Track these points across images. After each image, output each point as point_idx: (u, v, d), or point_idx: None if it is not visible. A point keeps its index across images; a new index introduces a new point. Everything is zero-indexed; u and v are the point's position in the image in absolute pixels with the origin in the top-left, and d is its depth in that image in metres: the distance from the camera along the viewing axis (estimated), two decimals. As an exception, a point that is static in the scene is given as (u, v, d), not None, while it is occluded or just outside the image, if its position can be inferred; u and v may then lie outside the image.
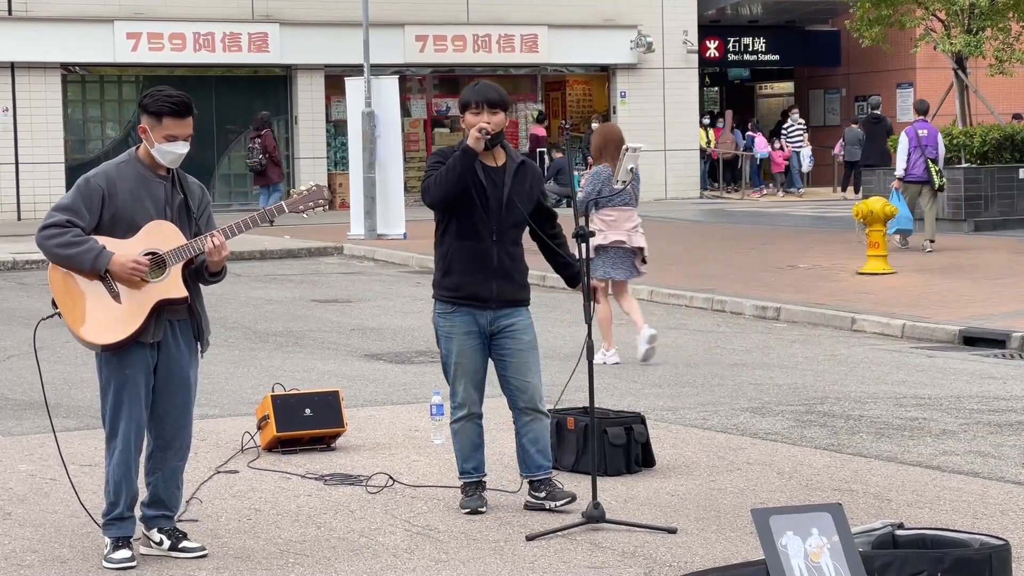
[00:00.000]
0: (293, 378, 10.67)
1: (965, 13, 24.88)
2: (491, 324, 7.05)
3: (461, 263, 7.02)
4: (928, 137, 19.52)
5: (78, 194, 6.18)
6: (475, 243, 7.00)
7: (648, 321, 12.26)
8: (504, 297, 7.05)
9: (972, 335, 13.29)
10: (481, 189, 6.98)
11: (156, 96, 6.22)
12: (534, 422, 7.15)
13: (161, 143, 6.19)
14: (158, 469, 6.37)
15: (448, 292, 7.06)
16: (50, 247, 6.13)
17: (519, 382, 7.11)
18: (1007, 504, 7.28)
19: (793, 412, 9.84)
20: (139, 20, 28.64)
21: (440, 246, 7.12)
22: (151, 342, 6.22)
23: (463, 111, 7.07)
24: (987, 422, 9.48)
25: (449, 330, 7.06)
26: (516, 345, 7.09)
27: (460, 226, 7.01)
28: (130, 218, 6.17)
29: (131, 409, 6.22)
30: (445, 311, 7.07)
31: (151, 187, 6.23)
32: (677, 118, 32.98)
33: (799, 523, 5.25)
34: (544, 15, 31.76)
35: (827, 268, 18.32)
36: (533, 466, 7.15)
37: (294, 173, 30.22)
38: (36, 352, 6.72)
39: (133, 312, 6.15)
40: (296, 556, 6.39)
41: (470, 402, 7.08)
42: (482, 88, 7.06)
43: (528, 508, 7.14)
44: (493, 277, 7.01)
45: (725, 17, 36.96)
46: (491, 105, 6.99)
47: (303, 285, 17.97)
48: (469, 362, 7.04)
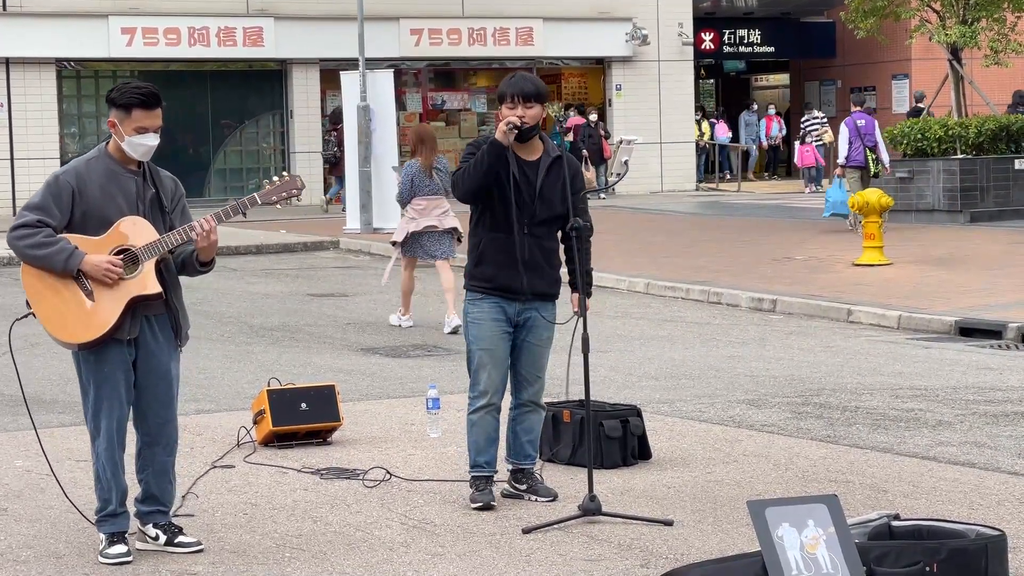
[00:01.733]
0: (289, 372, 10.66)
1: (960, 4, 24.87)
2: (518, 315, 7.04)
3: (492, 254, 7.00)
4: (866, 127, 21.16)
5: (48, 192, 6.12)
6: (506, 235, 6.97)
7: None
8: (535, 290, 7.03)
9: (968, 326, 13.29)
10: (514, 182, 6.94)
11: (124, 89, 6.18)
12: (532, 413, 7.20)
13: (131, 135, 6.14)
14: (148, 466, 6.35)
15: (479, 282, 7.05)
16: (21, 248, 6.10)
17: (530, 375, 7.13)
18: (1003, 494, 7.28)
19: (789, 404, 9.85)
20: (134, 15, 28.60)
21: (473, 236, 7.11)
22: (128, 338, 6.18)
23: (500, 103, 7.04)
24: (983, 413, 9.48)
25: (478, 316, 7.03)
26: (535, 339, 7.09)
27: (493, 218, 7.00)
28: (101, 214, 6.12)
29: (112, 406, 6.20)
30: (475, 299, 7.06)
31: (122, 182, 6.18)
32: (673, 110, 32.96)
33: (795, 515, 5.25)
34: (539, 8, 31.75)
35: (823, 259, 18.32)
36: (522, 455, 7.20)
37: (290, 167, 30.17)
38: (12, 351, 6.69)
39: (108, 310, 6.09)
40: (292, 550, 6.39)
41: (492, 390, 7.04)
42: (518, 80, 7.01)
43: (505, 496, 7.18)
44: (524, 270, 6.98)
45: (720, 9, 36.94)
46: (526, 98, 6.94)
47: (299, 279, 17.96)
48: (495, 349, 7.02)
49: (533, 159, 7.03)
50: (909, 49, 31.37)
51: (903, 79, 35.92)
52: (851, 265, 17.45)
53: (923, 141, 23.29)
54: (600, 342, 11.94)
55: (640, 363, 11.70)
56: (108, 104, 6.24)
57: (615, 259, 18.45)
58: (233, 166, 30.66)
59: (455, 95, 32.92)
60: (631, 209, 26.87)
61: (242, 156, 30.84)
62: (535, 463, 7.26)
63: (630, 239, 21.19)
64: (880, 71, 36.29)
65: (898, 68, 35.93)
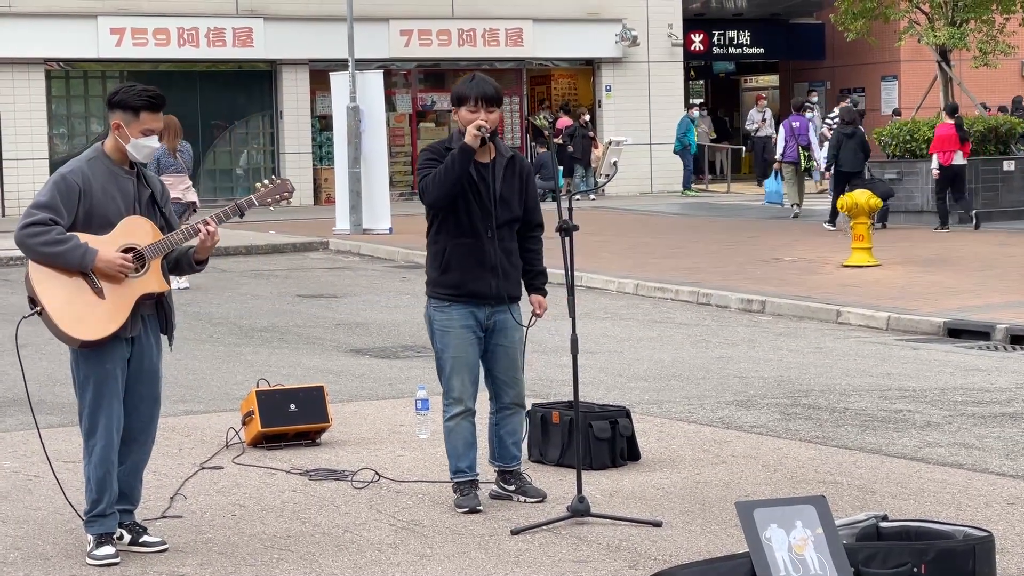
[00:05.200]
0: (278, 373, 10.65)
1: (949, 5, 24.91)
2: (488, 319, 7.03)
3: (459, 260, 6.96)
4: (800, 128, 24.94)
5: (56, 191, 6.16)
6: (473, 240, 6.95)
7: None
8: (502, 293, 7.01)
9: (956, 327, 13.31)
10: (473, 186, 6.93)
11: (131, 91, 6.23)
12: (515, 415, 7.19)
13: (138, 137, 6.21)
14: (122, 462, 6.35)
15: (447, 290, 7.00)
16: (33, 245, 6.12)
17: (508, 378, 7.11)
18: (991, 495, 7.30)
19: (778, 405, 9.86)
20: (123, 15, 28.55)
21: (435, 244, 7.05)
22: (128, 336, 6.22)
23: (458, 105, 6.99)
24: (971, 414, 9.49)
25: (446, 323, 7.00)
26: (507, 341, 7.08)
27: (456, 223, 6.96)
28: (103, 214, 6.18)
29: (111, 404, 6.22)
30: (442, 306, 7.02)
31: (120, 183, 6.26)
32: (662, 111, 32.96)
33: (783, 516, 5.26)
34: (529, 9, 31.75)
35: (812, 261, 18.34)
36: (508, 456, 7.19)
37: (279, 168, 30.15)
38: (19, 350, 6.69)
39: (117, 307, 6.17)
40: (281, 551, 6.38)
41: (466, 396, 7.03)
42: (480, 83, 6.98)
43: (493, 497, 7.18)
44: (492, 274, 6.97)
45: (710, 10, 36.95)
46: (488, 102, 6.94)
47: (288, 280, 17.95)
48: (466, 355, 7.00)
49: (486, 161, 7.00)
50: (898, 51, 31.40)
51: (892, 80, 35.95)
52: (840, 266, 17.47)
53: (912, 142, 23.34)
54: (589, 343, 11.94)
55: (629, 364, 11.70)
56: (112, 106, 6.26)
57: (605, 260, 18.46)
58: (223, 167, 30.60)
59: (445, 96, 32.83)
60: (621, 210, 26.87)
61: (232, 157, 30.80)
62: (519, 464, 7.26)
63: (619, 240, 21.20)
64: (869, 72, 36.32)
65: (887, 70, 35.96)
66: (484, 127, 6.85)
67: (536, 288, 7.21)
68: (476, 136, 6.84)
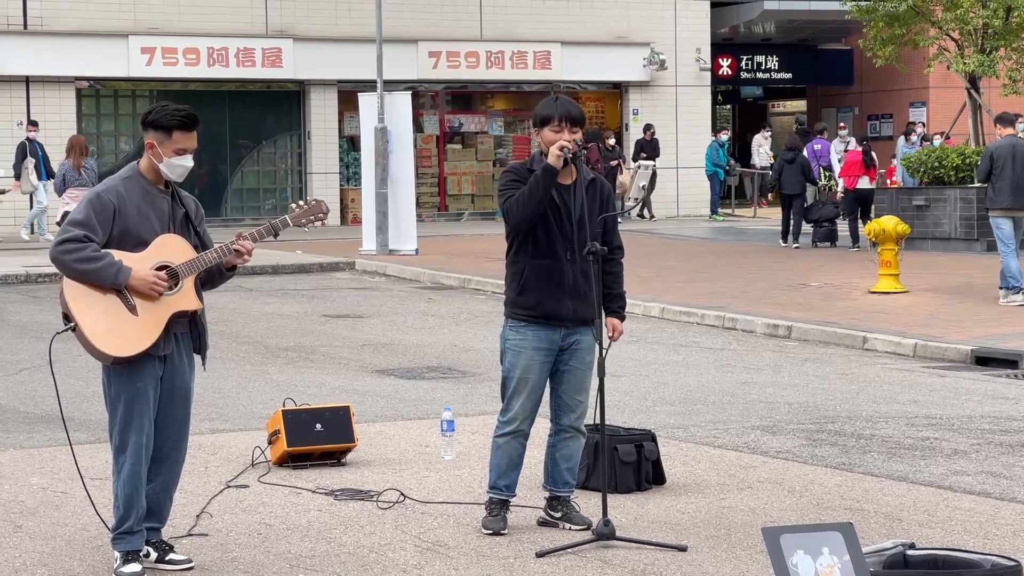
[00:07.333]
0: (304, 393, 10.67)
1: (978, 33, 24.87)
2: (563, 340, 7.01)
3: (537, 282, 6.96)
4: (821, 151, 26.70)
5: (91, 209, 6.21)
6: (551, 262, 6.95)
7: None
8: (579, 316, 7.01)
9: (984, 355, 13.26)
10: (554, 207, 6.93)
11: (164, 111, 6.29)
12: (572, 440, 7.14)
13: (171, 157, 6.26)
14: (152, 480, 6.38)
15: (523, 310, 6.99)
16: (68, 262, 6.16)
17: (572, 400, 7.08)
18: (1019, 525, 7.26)
19: (804, 431, 9.83)
20: (153, 35, 28.74)
21: (514, 264, 7.05)
22: (161, 354, 6.26)
23: (541, 126, 6.98)
24: (999, 442, 9.45)
25: (519, 344, 6.99)
26: (579, 364, 7.05)
27: (535, 245, 6.96)
28: (137, 232, 6.23)
29: (142, 422, 6.25)
30: (517, 326, 7.01)
31: (155, 202, 6.31)
32: (689, 135, 32.99)
33: (810, 542, 5.24)
34: (557, 32, 31.83)
35: (838, 286, 18.30)
36: (560, 482, 7.14)
37: (307, 188, 30.27)
38: (52, 366, 6.73)
39: (150, 324, 6.21)
40: (306, 571, 6.39)
41: (523, 417, 7.01)
42: (564, 104, 6.98)
43: (541, 524, 7.14)
44: (569, 296, 6.97)
45: (738, 35, 36.98)
46: (572, 123, 6.94)
47: (314, 300, 17.99)
48: (533, 377, 6.98)
49: (567, 183, 7.00)
50: (927, 77, 31.34)
51: (920, 107, 35.89)
52: (867, 292, 17.43)
53: (940, 169, 23.28)
54: (615, 366, 11.93)
55: (655, 388, 11.69)
56: (146, 126, 6.32)
57: (630, 284, 18.33)
58: (250, 186, 30.73)
59: (472, 118, 32.99)
60: (647, 233, 26.86)
61: (259, 176, 30.93)
62: (572, 490, 7.20)
63: (646, 264, 21.19)
64: (898, 99, 36.27)
65: (916, 96, 35.91)
66: (567, 147, 6.85)
67: (612, 311, 7.20)
68: (559, 156, 6.83)
